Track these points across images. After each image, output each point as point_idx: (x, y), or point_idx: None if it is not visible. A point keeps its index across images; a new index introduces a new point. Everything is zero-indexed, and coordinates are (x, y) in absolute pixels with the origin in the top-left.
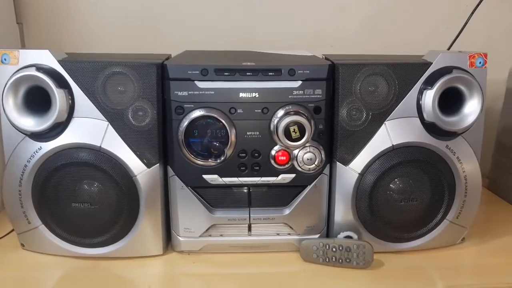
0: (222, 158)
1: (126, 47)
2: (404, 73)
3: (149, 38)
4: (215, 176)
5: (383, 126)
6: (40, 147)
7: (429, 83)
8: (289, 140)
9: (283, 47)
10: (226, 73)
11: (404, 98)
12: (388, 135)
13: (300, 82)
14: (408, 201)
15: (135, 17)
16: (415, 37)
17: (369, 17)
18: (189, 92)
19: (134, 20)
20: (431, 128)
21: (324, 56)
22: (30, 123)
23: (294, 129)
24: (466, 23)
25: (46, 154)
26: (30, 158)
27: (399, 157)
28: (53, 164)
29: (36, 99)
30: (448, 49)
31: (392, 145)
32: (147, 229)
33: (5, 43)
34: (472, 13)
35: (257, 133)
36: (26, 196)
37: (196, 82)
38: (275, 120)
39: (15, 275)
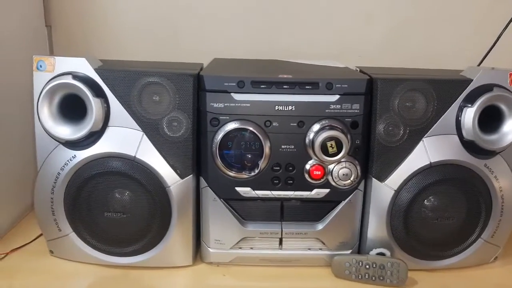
0: (256, 171)
1: (151, 53)
2: (444, 90)
3: (173, 45)
4: (248, 188)
5: (421, 142)
6: (74, 155)
7: (470, 100)
8: (326, 155)
9: (308, 56)
10: (263, 86)
11: (443, 115)
12: (426, 152)
13: (337, 96)
14: (443, 219)
15: (160, 24)
16: (443, 48)
17: (396, 27)
18: (225, 104)
19: (159, 26)
20: (469, 146)
21: (358, 69)
22: (66, 131)
23: (331, 144)
24: (498, 37)
25: (80, 163)
26: (64, 166)
27: (436, 175)
28: (87, 173)
29: (66, 106)
30: (479, 64)
31: (430, 162)
32: (177, 239)
33: (33, 45)
34: (506, 27)
35: (292, 146)
36: (58, 204)
37: (232, 94)
38: (310, 134)
39: (44, 282)
